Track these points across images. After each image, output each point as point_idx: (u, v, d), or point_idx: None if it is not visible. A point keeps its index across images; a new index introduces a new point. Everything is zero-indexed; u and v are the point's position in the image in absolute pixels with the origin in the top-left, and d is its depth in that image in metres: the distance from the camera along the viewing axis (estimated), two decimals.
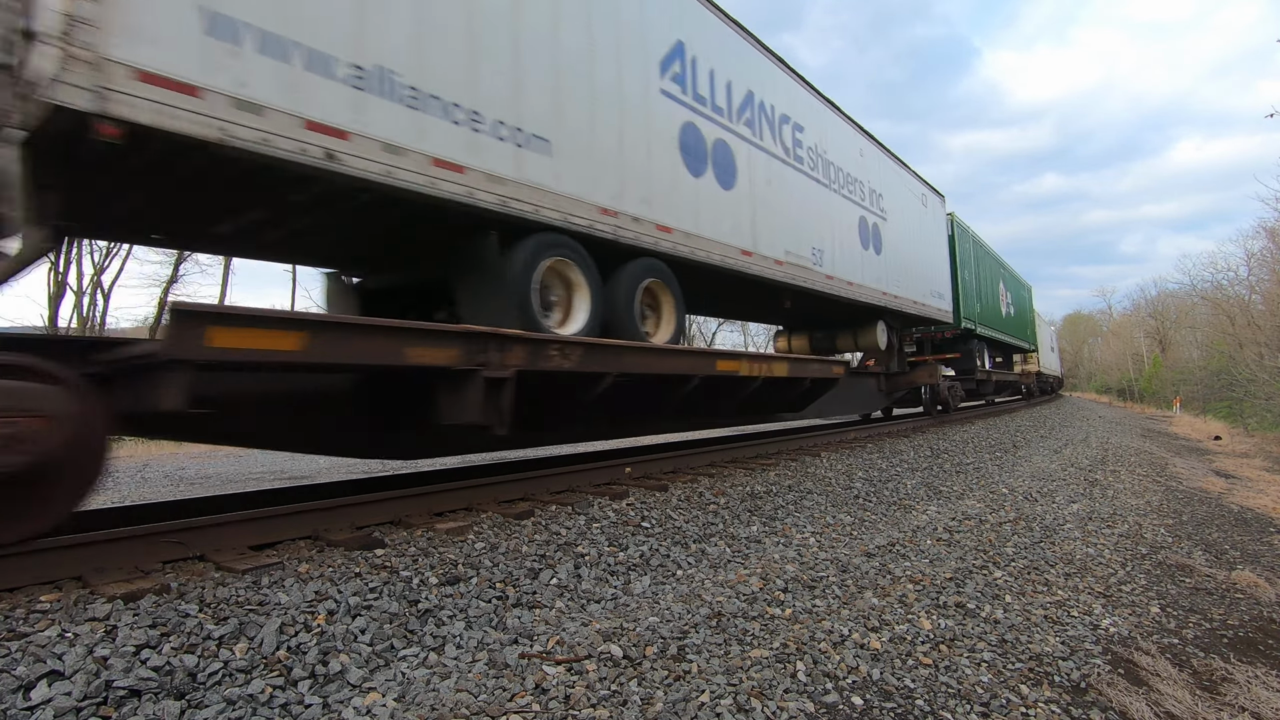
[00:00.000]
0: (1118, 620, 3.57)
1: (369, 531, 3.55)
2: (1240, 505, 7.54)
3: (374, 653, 2.46)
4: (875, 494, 6.11)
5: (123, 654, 2.11)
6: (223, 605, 2.51)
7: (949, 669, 2.72)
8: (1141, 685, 2.90)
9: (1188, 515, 6.66)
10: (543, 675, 2.32)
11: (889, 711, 2.36)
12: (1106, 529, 5.56)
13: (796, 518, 5.04)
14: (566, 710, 2.12)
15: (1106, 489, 7.49)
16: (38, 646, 2.09)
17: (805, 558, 4.03)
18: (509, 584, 3.13)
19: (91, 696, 1.94)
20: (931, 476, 7.31)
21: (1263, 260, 29.28)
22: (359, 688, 2.27)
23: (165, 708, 1.97)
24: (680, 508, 4.74)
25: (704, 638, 2.72)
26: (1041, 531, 5.21)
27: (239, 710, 2.03)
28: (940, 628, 3.11)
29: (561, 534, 3.84)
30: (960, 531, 4.97)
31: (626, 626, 2.78)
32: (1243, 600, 4.15)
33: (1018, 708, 2.51)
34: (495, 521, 3.94)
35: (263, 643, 2.32)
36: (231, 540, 3.21)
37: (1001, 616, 3.37)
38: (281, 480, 8.95)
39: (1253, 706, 2.83)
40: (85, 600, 2.45)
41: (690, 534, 4.26)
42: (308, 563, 3.04)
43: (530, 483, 4.86)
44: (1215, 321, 34.50)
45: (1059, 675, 2.84)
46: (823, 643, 2.77)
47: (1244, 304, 30.76)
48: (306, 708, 2.11)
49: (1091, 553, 4.79)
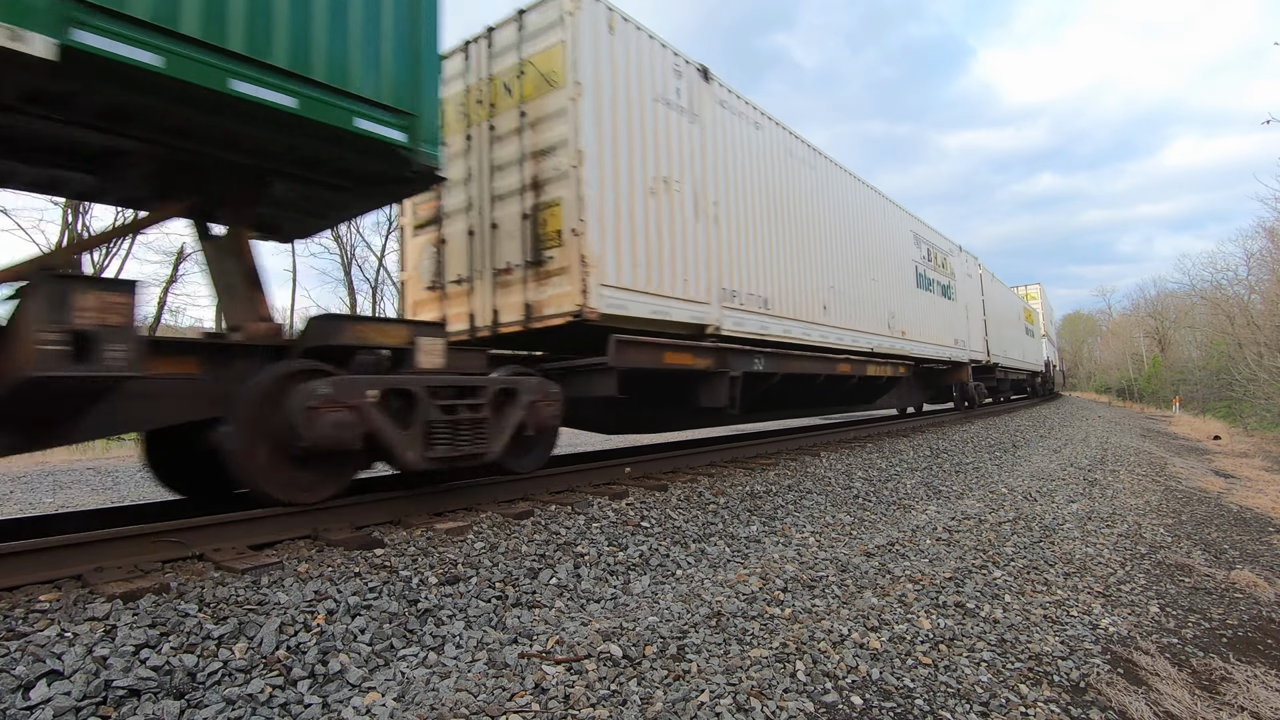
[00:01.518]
0: (1117, 620, 3.57)
1: (369, 531, 3.55)
2: (1239, 505, 7.55)
3: (374, 652, 2.46)
4: (875, 494, 6.11)
5: (122, 654, 2.11)
6: (222, 605, 2.51)
7: (948, 668, 2.72)
8: (1141, 685, 2.91)
9: (1187, 515, 6.66)
10: (542, 675, 2.32)
11: (888, 711, 2.36)
12: (1106, 529, 5.56)
13: (796, 517, 5.04)
14: (566, 710, 2.12)
15: (1106, 489, 7.49)
16: (37, 646, 2.08)
17: (805, 557, 4.03)
18: (509, 584, 3.13)
19: (91, 696, 1.94)
20: (931, 476, 7.31)
21: (1262, 260, 29.33)
22: (359, 687, 2.27)
23: (165, 707, 1.97)
24: (680, 507, 4.74)
25: (703, 637, 2.72)
26: (1041, 531, 5.21)
27: (238, 710, 2.03)
28: (940, 627, 3.11)
29: (561, 534, 3.84)
30: (960, 531, 4.97)
31: (626, 626, 2.78)
32: (1242, 600, 4.16)
33: (1017, 707, 2.51)
34: (495, 521, 3.94)
35: (262, 642, 2.32)
36: (231, 540, 3.21)
37: (1001, 616, 3.37)
38: None
39: (1252, 706, 2.83)
40: (85, 600, 2.45)
41: (690, 534, 4.26)
42: (307, 562, 3.04)
43: (530, 482, 4.86)
44: (1215, 321, 34.52)
45: (1058, 675, 2.84)
46: (822, 642, 2.77)
47: (1243, 304, 30.79)
48: (306, 707, 2.11)
49: (1091, 552, 4.79)
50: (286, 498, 3.52)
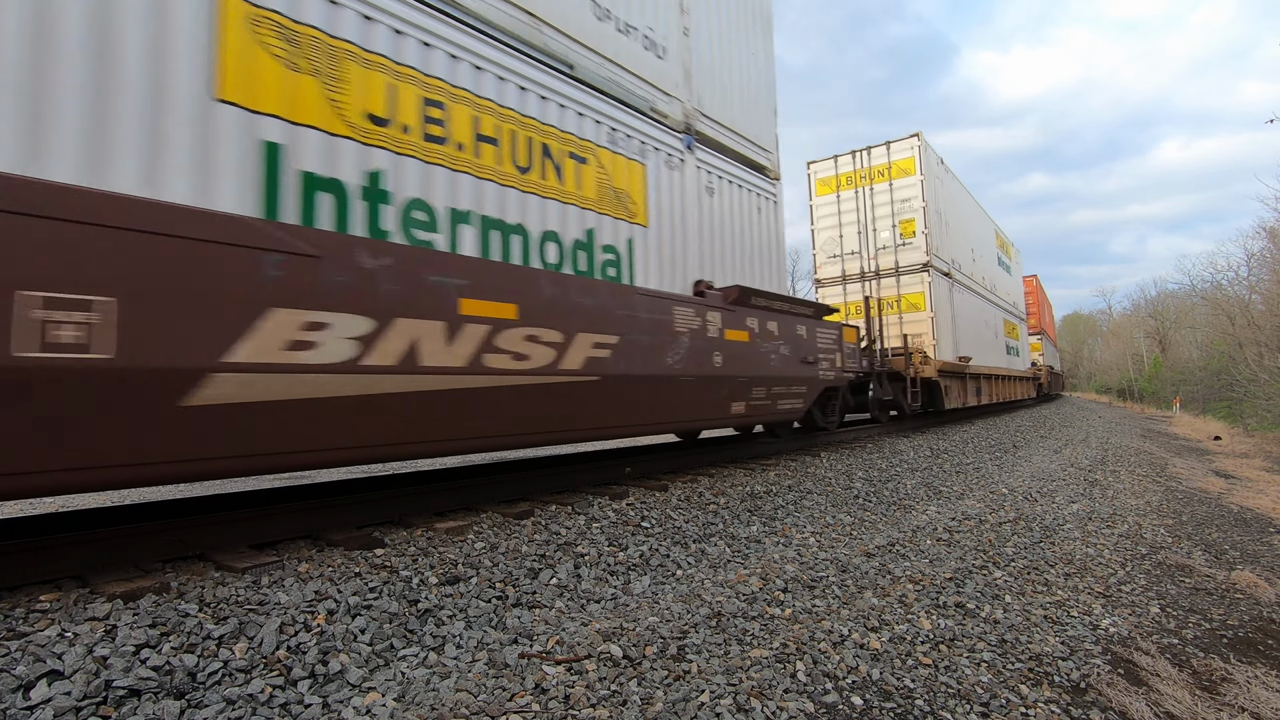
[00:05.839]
0: (1117, 620, 3.57)
1: (369, 531, 3.55)
2: (1240, 505, 7.54)
3: (374, 652, 2.46)
4: (875, 494, 6.11)
5: (122, 653, 2.11)
6: (222, 605, 2.51)
7: (949, 669, 2.72)
8: (1141, 685, 2.90)
9: (1187, 515, 6.66)
10: (542, 675, 2.32)
11: (889, 711, 2.36)
12: (1106, 529, 5.56)
13: (796, 518, 5.04)
14: (566, 710, 2.12)
15: (1106, 489, 7.49)
16: (37, 646, 2.08)
17: (805, 558, 4.03)
18: (509, 584, 3.13)
19: (91, 696, 1.94)
20: (931, 476, 7.31)
21: (1263, 260, 29.32)
22: (359, 687, 2.27)
23: (165, 707, 1.97)
24: (680, 508, 4.74)
25: (704, 638, 2.72)
26: (1041, 531, 5.21)
27: (239, 710, 2.03)
28: (940, 628, 3.11)
29: (561, 534, 3.84)
30: (960, 531, 4.97)
31: (626, 626, 2.78)
32: (1242, 600, 4.15)
33: (1017, 708, 2.51)
34: (495, 521, 3.94)
35: (262, 642, 2.32)
36: (231, 539, 3.21)
37: (1001, 616, 3.37)
38: (281, 479, 8.94)
39: (1252, 706, 2.83)
40: (85, 599, 2.45)
41: (690, 534, 4.26)
42: (308, 562, 3.04)
43: (530, 482, 4.86)
44: (1215, 321, 34.51)
45: (1059, 675, 2.84)
46: (822, 643, 2.77)
47: (1244, 304, 30.77)
48: (306, 707, 2.11)
49: (1091, 553, 4.79)
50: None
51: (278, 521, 3.42)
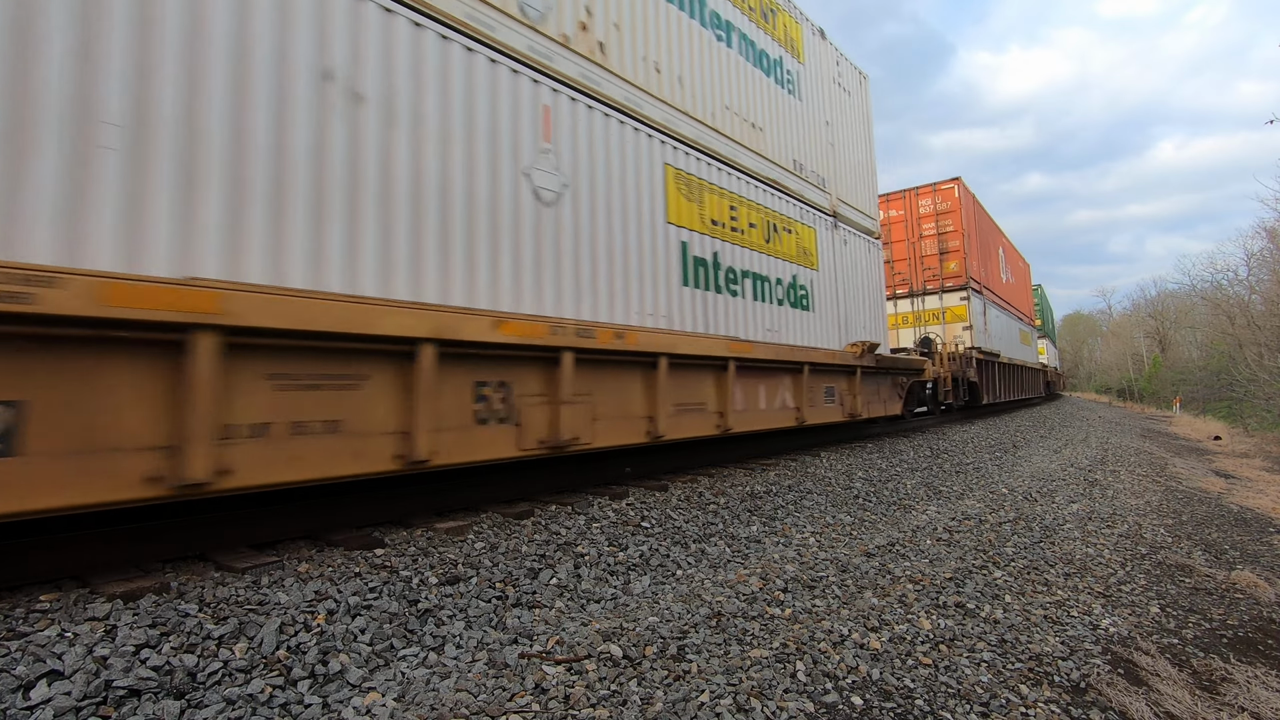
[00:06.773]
0: (1117, 620, 3.57)
1: (369, 531, 3.55)
2: (1240, 505, 7.54)
3: (374, 652, 2.46)
4: (875, 494, 6.11)
5: (122, 653, 2.11)
6: (222, 605, 2.51)
7: (949, 669, 2.72)
8: (1141, 685, 2.90)
9: (1187, 515, 6.66)
10: (542, 675, 2.32)
11: (889, 711, 2.36)
12: (1106, 529, 5.56)
13: (796, 518, 5.04)
14: (566, 710, 2.12)
15: (1106, 489, 7.49)
16: (37, 646, 2.08)
17: (805, 558, 4.03)
18: (509, 584, 3.13)
19: (91, 696, 1.94)
20: (931, 476, 7.31)
21: (1263, 260, 29.34)
22: (359, 687, 2.27)
23: (165, 707, 1.97)
24: (680, 508, 4.74)
25: (704, 638, 2.72)
26: (1041, 531, 5.21)
27: (239, 710, 2.03)
28: (940, 628, 3.11)
29: (561, 534, 3.84)
30: (960, 531, 4.97)
31: (626, 626, 2.78)
32: (1242, 600, 4.15)
33: (1017, 708, 2.51)
34: (495, 521, 3.94)
35: (262, 642, 2.32)
36: (231, 539, 3.21)
37: (1001, 616, 3.37)
38: None
39: (1252, 706, 2.83)
40: (85, 599, 2.45)
41: (690, 534, 4.26)
42: (307, 562, 3.04)
43: (530, 482, 4.86)
44: (1215, 322, 34.53)
45: (1059, 675, 2.84)
46: (822, 643, 2.77)
47: (1244, 304, 30.78)
48: (306, 707, 2.11)
49: (1091, 553, 4.79)
50: None
51: (278, 521, 3.42)
